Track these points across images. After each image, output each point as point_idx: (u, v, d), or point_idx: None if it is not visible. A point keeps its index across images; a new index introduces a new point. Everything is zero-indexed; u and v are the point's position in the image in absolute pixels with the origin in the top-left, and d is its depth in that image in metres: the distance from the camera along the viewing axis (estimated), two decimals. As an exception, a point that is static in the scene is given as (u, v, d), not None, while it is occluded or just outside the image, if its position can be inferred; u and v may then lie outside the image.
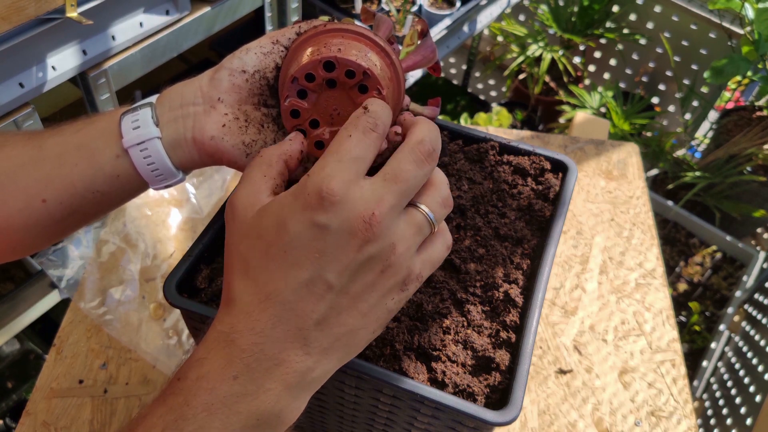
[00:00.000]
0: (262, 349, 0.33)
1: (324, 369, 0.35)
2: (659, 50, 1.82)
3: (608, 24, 1.84)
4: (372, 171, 0.35)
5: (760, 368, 1.26)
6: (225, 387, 0.33)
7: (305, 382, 0.34)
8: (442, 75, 2.22)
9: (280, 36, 0.44)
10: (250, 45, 0.44)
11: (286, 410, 0.34)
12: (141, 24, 0.95)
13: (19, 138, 0.43)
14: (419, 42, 0.47)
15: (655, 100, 1.91)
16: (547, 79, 2.01)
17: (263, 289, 0.34)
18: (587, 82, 2.02)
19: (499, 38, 2.04)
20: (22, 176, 0.42)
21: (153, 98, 0.44)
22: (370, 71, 0.39)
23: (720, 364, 1.46)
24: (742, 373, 1.33)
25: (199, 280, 0.47)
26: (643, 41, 1.81)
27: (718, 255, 1.67)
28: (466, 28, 1.61)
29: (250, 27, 1.42)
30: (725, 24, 1.58)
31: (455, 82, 2.24)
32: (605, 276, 0.88)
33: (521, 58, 1.88)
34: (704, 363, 1.44)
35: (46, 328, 1.35)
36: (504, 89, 2.15)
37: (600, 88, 1.84)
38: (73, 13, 0.80)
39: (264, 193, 0.36)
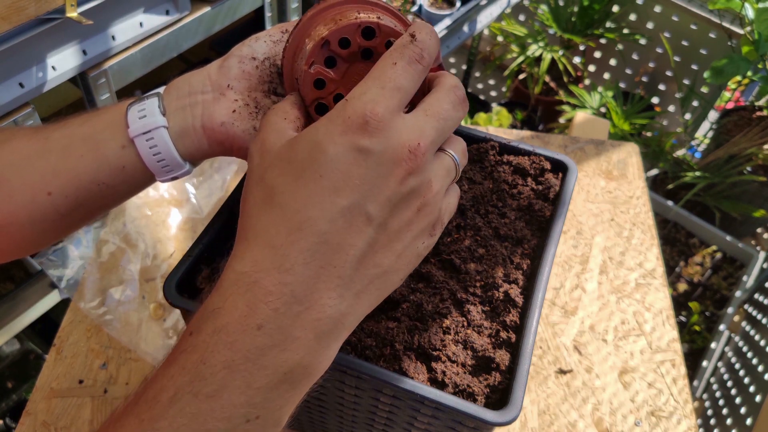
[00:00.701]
0: (292, 290, 0.29)
1: (357, 315, 0.32)
2: (659, 50, 1.82)
3: (608, 24, 1.84)
4: None
5: (760, 368, 1.26)
6: (248, 339, 0.28)
7: (338, 329, 0.31)
8: (442, 75, 2.22)
9: (289, 26, 0.44)
10: (259, 34, 0.43)
11: (316, 362, 0.30)
12: (141, 24, 0.95)
13: (25, 132, 0.43)
14: None
15: (655, 100, 1.91)
16: (547, 79, 2.01)
17: (293, 218, 0.30)
18: (587, 82, 2.02)
19: (499, 38, 2.04)
20: (27, 169, 0.41)
21: (161, 89, 0.43)
22: None
23: (720, 364, 1.46)
24: (742, 373, 1.33)
25: (199, 280, 0.47)
26: (643, 41, 1.81)
27: (718, 255, 1.67)
28: (466, 28, 1.61)
29: (250, 27, 1.42)
30: (725, 24, 1.58)
31: (455, 82, 2.23)
32: (605, 276, 0.88)
33: (521, 58, 1.88)
34: (704, 363, 1.44)
35: (46, 328, 1.35)
36: (504, 89, 2.15)
37: (600, 88, 1.84)
38: (73, 13, 0.80)
39: (289, 129, 0.34)
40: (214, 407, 0.28)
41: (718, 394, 1.38)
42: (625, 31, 1.82)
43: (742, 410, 1.23)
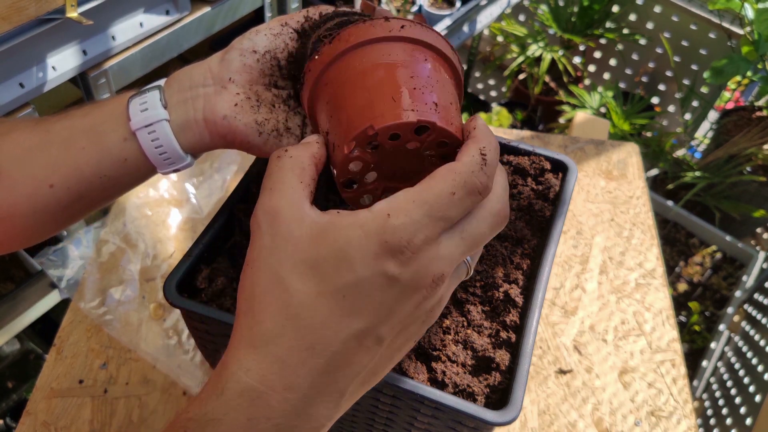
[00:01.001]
0: (294, 405, 0.29)
1: (342, 412, 0.32)
2: (659, 50, 1.82)
3: (608, 24, 1.84)
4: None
5: (760, 368, 1.26)
6: None
7: (324, 428, 0.31)
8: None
9: (289, 19, 0.44)
10: (259, 27, 0.43)
11: None
12: (141, 24, 0.95)
13: (26, 123, 0.43)
14: None
15: (655, 100, 1.91)
16: (547, 79, 2.01)
17: (308, 336, 0.29)
18: (587, 82, 2.02)
19: (499, 38, 2.04)
20: (29, 161, 0.41)
21: (161, 81, 0.43)
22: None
23: (720, 364, 1.46)
24: (742, 373, 1.33)
25: (199, 280, 0.47)
26: (643, 41, 1.81)
27: (718, 255, 1.67)
28: (466, 28, 1.61)
29: (250, 27, 1.42)
30: (725, 24, 1.58)
31: (455, 82, 2.23)
32: (605, 276, 0.88)
33: (521, 58, 1.88)
34: (704, 363, 1.44)
35: (46, 328, 1.35)
36: (504, 89, 2.15)
37: (600, 88, 1.84)
38: (73, 14, 0.79)
39: (305, 203, 0.31)
40: None
41: (718, 394, 1.38)
42: (625, 31, 1.82)
43: (742, 410, 1.23)
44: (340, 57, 0.35)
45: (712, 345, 1.46)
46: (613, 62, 1.97)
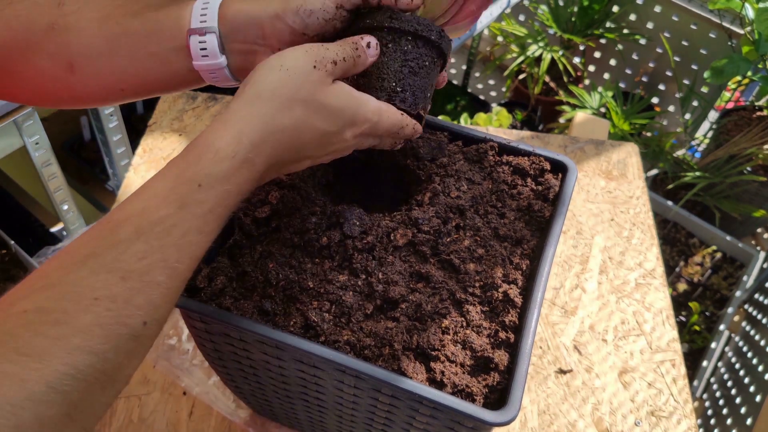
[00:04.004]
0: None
1: None
2: (659, 50, 1.81)
3: (608, 24, 1.84)
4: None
5: (760, 368, 1.26)
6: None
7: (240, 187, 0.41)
8: (442, 75, 2.22)
9: (345, 2, 0.45)
10: (313, 6, 0.45)
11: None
12: (141, 24, 0.95)
13: (90, 19, 0.46)
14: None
15: (655, 100, 1.91)
16: (547, 79, 2.01)
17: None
18: (587, 82, 2.02)
19: (499, 38, 2.04)
20: (100, 65, 0.46)
21: (213, 23, 0.45)
22: None
23: (720, 364, 1.46)
24: (742, 373, 1.33)
25: (199, 280, 0.47)
26: (643, 41, 1.81)
27: (718, 255, 1.67)
28: (466, 28, 1.61)
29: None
30: (725, 24, 1.58)
31: (455, 82, 2.24)
32: (605, 276, 0.88)
33: (521, 58, 1.88)
34: (704, 363, 1.44)
35: (46, 328, 1.35)
36: (504, 89, 2.15)
37: (600, 88, 1.83)
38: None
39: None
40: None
41: (718, 394, 1.38)
42: (625, 31, 1.82)
43: (742, 410, 1.23)
44: None
45: (712, 345, 1.46)
46: (613, 62, 1.97)
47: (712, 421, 1.34)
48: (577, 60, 2.02)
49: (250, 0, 0.45)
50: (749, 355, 1.34)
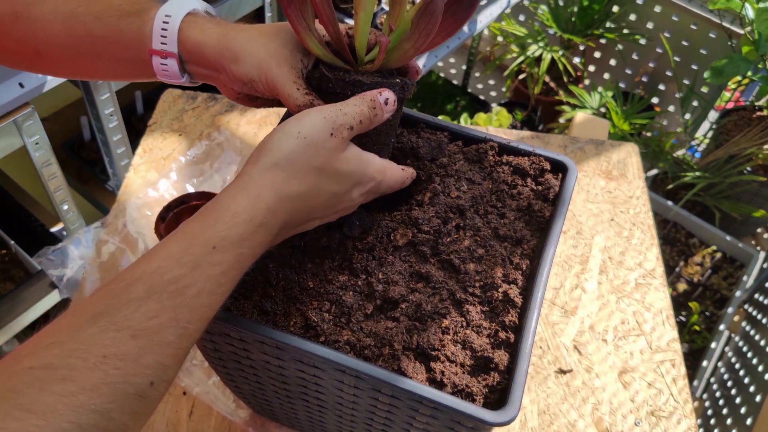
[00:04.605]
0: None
1: None
2: (659, 50, 1.81)
3: (608, 24, 1.84)
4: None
5: (760, 368, 1.26)
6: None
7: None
8: (442, 75, 2.22)
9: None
10: (252, 77, 0.46)
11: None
12: (141, 24, 0.95)
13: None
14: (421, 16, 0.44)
15: (655, 100, 1.91)
16: (547, 79, 2.01)
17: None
18: (587, 82, 2.02)
19: (499, 38, 2.04)
20: (67, 60, 0.49)
21: (173, 47, 0.46)
22: None
23: (720, 364, 1.46)
24: (742, 373, 1.33)
25: (199, 280, 0.47)
26: (643, 41, 1.81)
27: (718, 255, 1.67)
28: (466, 28, 1.61)
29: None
30: (725, 24, 1.58)
31: (455, 82, 2.24)
32: (605, 276, 0.88)
33: (521, 58, 1.88)
34: (704, 363, 1.44)
35: (46, 328, 1.35)
36: (504, 89, 2.15)
37: (600, 88, 1.83)
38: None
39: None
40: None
41: (718, 394, 1.38)
42: (625, 31, 1.82)
43: (742, 410, 1.23)
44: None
45: (712, 345, 1.46)
46: (613, 62, 1.97)
47: (712, 421, 1.34)
48: (577, 60, 2.02)
49: (209, 30, 0.46)
50: (749, 355, 1.34)
